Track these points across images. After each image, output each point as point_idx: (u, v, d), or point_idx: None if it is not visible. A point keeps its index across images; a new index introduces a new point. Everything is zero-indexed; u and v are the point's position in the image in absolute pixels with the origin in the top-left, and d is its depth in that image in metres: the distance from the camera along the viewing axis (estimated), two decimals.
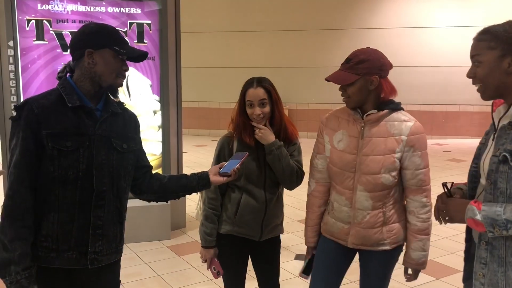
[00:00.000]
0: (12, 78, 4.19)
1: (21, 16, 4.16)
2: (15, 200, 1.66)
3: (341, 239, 2.16)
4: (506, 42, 1.51)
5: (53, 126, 1.68)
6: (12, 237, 1.63)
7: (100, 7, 4.32)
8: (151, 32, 4.47)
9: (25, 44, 4.19)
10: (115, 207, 1.83)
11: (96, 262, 1.78)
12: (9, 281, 1.62)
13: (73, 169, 1.70)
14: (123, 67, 1.77)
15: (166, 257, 4.23)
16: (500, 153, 1.49)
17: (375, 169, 2.02)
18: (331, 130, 2.15)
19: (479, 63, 1.56)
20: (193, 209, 5.60)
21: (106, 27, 1.83)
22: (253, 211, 2.30)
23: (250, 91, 2.24)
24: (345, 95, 2.05)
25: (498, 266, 1.53)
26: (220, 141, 2.36)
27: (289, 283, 3.65)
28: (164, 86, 4.57)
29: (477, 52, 1.56)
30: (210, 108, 11.83)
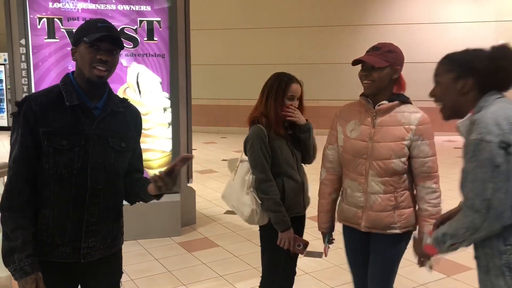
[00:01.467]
0: (24, 76, 4.23)
1: (32, 14, 4.19)
2: (13, 194, 1.70)
3: (355, 223, 2.28)
4: (460, 65, 1.66)
5: (50, 125, 1.70)
6: (13, 226, 1.68)
7: (110, 5, 4.34)
8: (161, 30, 4.48)
9: (36, 42, 4.23)
10: (113, 204, 1.85)
11: (89, 256, 1.79)
12: (13, 269, 1.66)
13: (68, 168, 1.72)
14: (96, 56, 1.70)
15: (176, 254, 4.25)
16: None
17: (386, 155, 2.15)
18: (344, 120, 2.30)
19: (437, 83, 1.72)
20: (203, 206, 5.63)
21: (88, 21, 1.80)
22: (296, 191, 2.51)
23: (294, 86, 2.48)
24: (369, 78, 2.15)
25: (485, 276, 1.61)
26: (254, 135, 2.43)
27: (300, 280, 3.65)
28: (174, 83, 4.58)
29: (437, 72, 1.73)
30: (219, 105, 11.85)
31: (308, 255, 4.17)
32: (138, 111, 1.98)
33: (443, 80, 1.70)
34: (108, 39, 1.72)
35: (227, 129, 11.77)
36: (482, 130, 1.50)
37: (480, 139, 1.50)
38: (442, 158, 2.12)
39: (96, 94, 1.79)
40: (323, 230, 2.48)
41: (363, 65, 2.18)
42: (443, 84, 1.70)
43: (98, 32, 1.70)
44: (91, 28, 1.72)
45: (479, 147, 1.50)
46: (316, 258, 4.10)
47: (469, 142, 1.54)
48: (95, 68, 1.71)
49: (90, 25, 1.75)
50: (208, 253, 4.26)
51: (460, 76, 1.65)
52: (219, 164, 8.31)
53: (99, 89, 1.80)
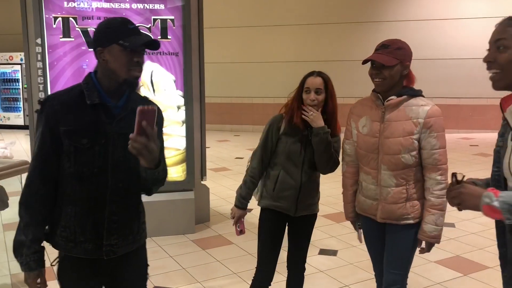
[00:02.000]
0: (40, 75, 4.27)
1: (48, 14, 4.23)
2: (31, 189, 1.76)
3: (372, 214, 2.37)
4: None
5: (70, 123, 1.72)
6: (27, 222, 1.76)
7: (124, 4, 4.37)
8: (175, 28, 4.50)
9: (52, 41, 4.27)
10: (133, 202, 1.87)
11: (111, 253, 1.82)
12: (20, 262, 1.77)
13: (89, 166, 1.74)
14: (133, 59, 1.72)
15: (190, 251, 4.27)
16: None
17: (395, 150, 2.22)
18: (357, 116, 2.37)
19: (504, 48, 1.48)
20: (217, 204, 5.64)
21: (114, 22, 1.78)
22: (289, 188, 2.53)
23: (310, 79, 2.48)
24: (380, 76, 2.19)
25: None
26: (270, 120, 2.58)
27: (314, 277, 3.64)
28: (187, 81, 4.59)
29: (502, 36, 1.49)
30: (232, 103, 11.85)
31: (322, 253, 4.16)
32: (158, 108, 1.97)
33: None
34: (150, 47, 1.77)
35: (241, 127, 11.77)
36: None
37: None
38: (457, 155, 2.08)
39: (118, 94, 1.80)
40: (350, 219, 2.57)
41: (373, 63, 2.22)
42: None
43: (132, 34, 1.72)
44: (124, 31, 1.72)
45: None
46: (331, 256, 4.08)
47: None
48: (133, 71, 1.74)
49: (120, 27, 1.74)
50: (222, 250, 4.28)
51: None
52: (232, 162, 8.33)
53: (129, 88, 1.80)
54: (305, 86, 2.48)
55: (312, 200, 2.62)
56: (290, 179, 2.53)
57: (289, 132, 2.50)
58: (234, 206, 2.66)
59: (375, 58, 2.18)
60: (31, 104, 4.40)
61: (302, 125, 2.47)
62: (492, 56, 1.51)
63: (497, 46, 1.50)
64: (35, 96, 4.34)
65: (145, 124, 1.60)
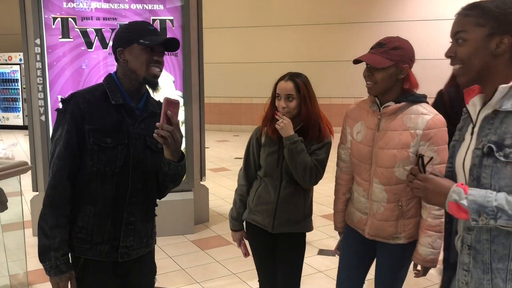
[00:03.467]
0: (39, 75, 4.27)
1: (47, 14, 4.23)
2: (57, 190, 1.74)
3: (360, 229, 2.18)
4: (497, 19, 1.33)
5: (96, 122, 1.74)
6: (53, 224, 1.72)
7: (123, 4, 4.37)
8: (174, 28, 4.50)
9: (51, 41, 4.27)
10: (148, 204, 1.89)
11: (126, 256, 1.83)
12: (49, 266, 1.71)
13: (111, 165, 1.76)
14: (153, 57, 1.76)
15: (190, 251, 4.27)
16: (484, 145, 1.34)
17: (389, 162, 1.99)
18: (353, 120, 2.16)
19: (463, 40, 1.37)
20: (216, 204, 5.64)
21: (135, 23, 1.84)
22: (265, 202, 2.36)
23: (281, 83, 2.28)
24: (371, 80, 1.98)
25: (483, 273, 1.36)
26: (252, 133, 2.46)
27: (312, 278, 3.64)
28: (187, 82, 4.59)
29: (462, 28, 1.38)
30: (231, 103, 11.86)
31: (321, 253, 4.16)
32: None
33: (471, 37, 1.36)
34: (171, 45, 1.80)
35: (240, 127, 11.78)
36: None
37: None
38: None
39: (138, 95, 1.84)
40: (338, 230, 2.38)
41: (367, 63, 1.99)
42: (472, 42, 1.36)
43: (152, 34, 1.77)
44: (144, 31, 1.77)
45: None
46: (330, 256, 4.08)
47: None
48: (153, 68, 1.76)
49: (141, 28, 1.79)
50: (222, 251, 4.28)
51: (495, 32, 1.33)
52: (232, 162, 8.32)
53: (149, 86, 1.83)
54: (276, 92, 2.28)
55: (295, 217, 2.35)
56: (267, 193, 2.35)
57: (268, 143, 2.34)
58: (231, 230, 2.56)
59: (363, 59, 1.95)
60: (30, 105, 4.40)
61: (275, 136, 2.28)
62: (453, 50, 1.41)
63: (456, 39, 1.40)
64: (34, 96, 4.34)
65: (170, 113, 1.67)
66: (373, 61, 1.94)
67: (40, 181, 4.44)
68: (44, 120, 4.35)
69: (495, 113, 1.35)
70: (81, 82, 4.35)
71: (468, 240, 1.40)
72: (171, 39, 1.78)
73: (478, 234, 1.37)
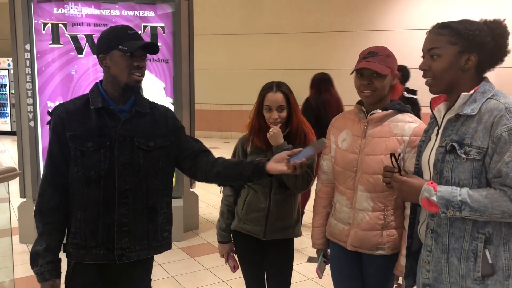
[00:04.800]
0: (29, 81, 4.25)
1: (37, 19, 4.22)
2: (43, 198, 1.79)
3: (342, 240, 2.13)
4: (467, 39, 1.54)
5: (76, 128, 1.77)
6: (41, 231, 1.78)
7: (114, 11, 4.37)
8: (165, 35, 4.50)
9: (41, 47, 4.26)
10: (145, 205, 1.85)
11: (124, 257, 1.82)
12: (35, 272, 1.77)
13: (96, 169, 1.77)
14: (133, 63, 1.76)
15: (179, 259, 4.25)
16: (447, 144, 1.56)
17: (375, 169, 1.98)
18: (337, 129, 2.16)
19: (438, 56, 1.57)
20: (206, 211, 5.63)
21: (114, 28, 1.84)
22: (256, 210, 2.34)
23: (270, 95, 2.27)
24: (370, 88, 1.98)
25: (441, 253, 1.60)
26: (238, 141, 2.44)
27: (302, 286, 3.64)
28: (177, 88, 4.59)
29: (436, 45, 1.58)
30: (222, 110, 11.86)
31: (311, 260, 4.16)
32: (168, 109, 2.00)
33: (445, 53, 1.56)
34: (149, 49, 1.81)
35: (230, 134, 11.77)
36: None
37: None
38: None
39: (123, 98, 1.84)
40: (316, 246, 2.29)
41: (360, 73, 2.00)
42: (446, 57, 1.56)
43: (132, 39, 1.77)
44: (124, 36, 1.77)
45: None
46: None
47: (510, 128, 1.45)
48: (133, 75, 1.77)
49: (120, 33, 1.79)
50: (211, 258, 4.26)
51: (465, 50, 1.55)
52: None
53: (130, 93, 1.84)
54: (266, 103, 2.27)
55: (286, 223, 2.36)
56: (257, 200, 2.33)
57: (255, 152, 2.33)
58: (218, 243, 2.53)
59: (369, 66, 1.94)
60: (18, 110, 4.36)
61: (264, 145, 2.29)
62: (427, 64, 1.60)
63: (431, 55, 1.59)
64: (23, 101, 4.31)
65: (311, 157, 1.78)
66: (377, 67, 1.95)
67: (28, 188, 4.40)
68: (33, 126, 4.31)
69: (457, 116, 1.58)
70: (71, 88, 4.33)
71: (431, 225, 1.64)
72: (149, 43, 1.79)
73: (439, 220, 1.60)
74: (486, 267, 1.51)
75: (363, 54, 2.02)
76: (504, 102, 1.50)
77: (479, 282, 1.52)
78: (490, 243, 1.52)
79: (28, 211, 4.32)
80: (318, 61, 11.26)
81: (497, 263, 1.51)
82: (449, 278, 1.58)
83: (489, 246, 1.52)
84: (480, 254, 1.52)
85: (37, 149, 4.35)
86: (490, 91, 1.56)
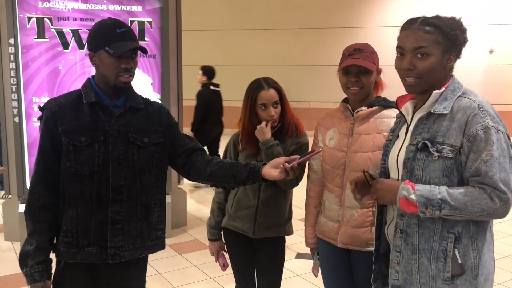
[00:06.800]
0: (13, 76, 4.18)
1: (22, 13, 4.15)
2: (34, 196, 1.73)
3: (331, 238, 2.13)
4: (450, 39, 1.52)
5: (68, 123, 1.73)
6: (31, 231, 1.72)
7: (101, 5, 4.31)
8: (152, 30, 4.46)
9: (26, 41, 4.19)
10: (139, 202, 1.81)
11: (118, 257, 1.77)
12: (25, 273, 1.70)
13: (89, 164, 1.72)
14: (121, 66, 1.71)
15: (166, 256, 4.22)
16: (418, 142, 1.54)
17: (363, 165, 1.97)
18: (324, 128, 2.16)
19: (427, 55, 1.52)
20: (194, 208, 5.61)
21: (103, 25, 1.77)
22: (245, 207, 2.32)
23: (263, 93, 2.23)
24: (358, 85, 1.98)
25: (412, 254, 1.57)
26: (230, 138, 2.41)
27: (290, 282, 3.65)
28: (165, 84, 4.56)
29: (424, 44, 1.52)
30: None
31: (299, 256, 4.17)
32: (161, 106, 1.97)
33: (434, 53, 1.52)
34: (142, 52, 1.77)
35: None
36: (494, 119, 1.47)
37: (496, 128, 1.46)
38: None
39: (115, 94, 1.81)
40: (310, 246, 2.29)
41: (347, 71, 2.00)
42: (435, 58, 1.52)
43: (119, 40, 1.70)
44: (112, 36, 1.70)
45: (498, 135, 1.46)
46: (307, 260, 4.09)
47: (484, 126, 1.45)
48: (120, 77, 1.73)
49: (108, 31, 1.72)
50: (199, 255, 4.24)
51: (447, 50, 1.54)
52: None
53: (122, 91, 1.81)
54: (260, 102, 2.23)
55: (276, 221, 2.34)
56: (246, 197, 2.31)
57: (245, 151, 2.32)
58: (208, 241, 2.51)
59: (357, 63, 1.94)
60: (3, 106, 4.29)
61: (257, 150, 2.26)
62: (412, 63, 1.53)
63: (417, 53, 1.53)
64: (7, 97, 4.24)
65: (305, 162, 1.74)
66: (366, 64, 1.95)
67: (13, 185, 4.33)
68: (17, 121, 4.25)
69: (429, 115, 1.56)
70: (57, 83, 4.27)
71: (400, 225, 1.60)
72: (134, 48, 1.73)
73: (409, 219, 1.58)
74: (456, 267, 1.51)
75: (348, 51, 2.01)
76: (476, 100, 1.50)
77: (449, 282, 1.52)
78: (459, 243, 1.51)
79: (13, 209, 4.27)
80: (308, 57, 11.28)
81: (466, 262, 1.51)
82: (419, 279, 1.56)
83: (458, 245, 1.51)
84: (450, 254, 1.51)
85: (22, 145, 4.28)
86: (460, 88, 1.56)
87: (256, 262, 2.44)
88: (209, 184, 1.95)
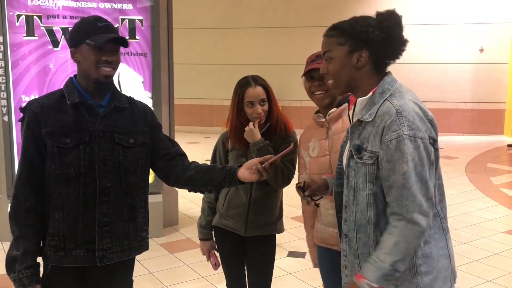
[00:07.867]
0: (2, 74, 4.14)
1: (11, 11, 4.10)
2: (19, 199, 1.70)
3: (334, 244, 2.06)
4: (353, 37, 1.55)
5: (52, 124, 1.69)
6: (17, 235, 1.68)
7: (92, 3, 4.28)
8: (143, 28, 4.43)
9: (15, 40, 4.15)
10: (125, 203, 1.79)
11: (106, 259, 1.75)
12: (13, 279, 1.66)
13: (75, 166, 1.70)
14: (102, 58, 1.69)
15: (158, 255, 4.21)
16: (350, 149, 1.58)
17: None
18: (306, 142, 2.17)
19: (330, 59, 1.59)
20: (185, 207, 5.59)
21: (86, 21, 1.76)
22: (237, 206, 2.32)
23: (250, 90, 2.23)
24: (323, 88, 2.03)
25: (354, 258, 1.59)
26: (219, 138, 2.40)
27: (282, 280, 3.65)
28: (156, 82, 4.54)
29: (328, 48, 1.60)
30: (202, 105, 11.80)
31: (291, 255, 4.17)
32: (146, 106, 1.95)
33: (336, 55, 1.57)
34: (114, 41, 1.72)
35: (211, 129, 11.71)
36: (412, 126, 1.44)
37: (413, 136, 1.44)
38: None
39: (99, 93, 1.78)
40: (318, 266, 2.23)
41: (311, 76, 2.04)
42: (337, 59, 1.57)
43: (99, 32, 1.69)
44: (92, 29, 1.69)
45: (415, 143, 1.44)
46: (299, 258, 4.10)
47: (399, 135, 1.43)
48: (101, 69, 1.70)
49: (90, 25, 1.71)
50: (191, 254, 4.23)
51: (355, 49, 1.55)
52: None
53: (104, 88, 1.78)
54: (247, 100, 2.23)
55: (267, 219, 2.35)
56: (238, 196, 2.31)
57: (234, 150, 2.32)
58: (199, 240, 2.51)
59: (319, 66, 1.86)
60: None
61: (246, 148, 2.27)
62: (325, 68, 1.62)
63: (326, 58, 1.61)
64: None
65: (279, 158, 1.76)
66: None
67: (2, 184, 4.29)
68: (7, 120, 4.21)
69: (360, 121, 1.57)
70: (47, 82, 4.24)
71: (344, 230, 1.63)
72: (114, 38, 1.71)
73: (349, 225, 1.60)
74: None
75: (310, 59, 2.07)
76: (397, 104, 1.48)
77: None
78: None
79: (2, 208, 4.23)
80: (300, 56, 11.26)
81: None
82: None
83: None
84: None
85: (11, 144, 4.24)
86: (389, 89, 1.54)
87: (247, 260, 2.44)
88: (186, 189, 1.93)
